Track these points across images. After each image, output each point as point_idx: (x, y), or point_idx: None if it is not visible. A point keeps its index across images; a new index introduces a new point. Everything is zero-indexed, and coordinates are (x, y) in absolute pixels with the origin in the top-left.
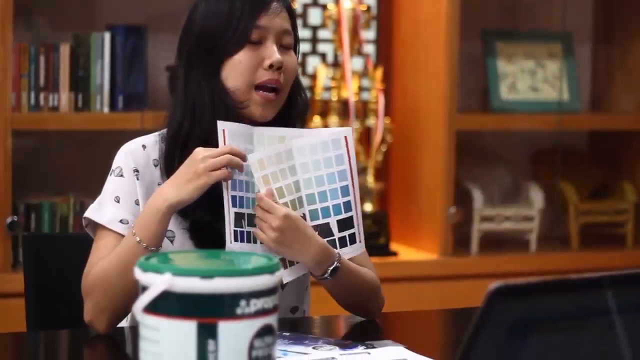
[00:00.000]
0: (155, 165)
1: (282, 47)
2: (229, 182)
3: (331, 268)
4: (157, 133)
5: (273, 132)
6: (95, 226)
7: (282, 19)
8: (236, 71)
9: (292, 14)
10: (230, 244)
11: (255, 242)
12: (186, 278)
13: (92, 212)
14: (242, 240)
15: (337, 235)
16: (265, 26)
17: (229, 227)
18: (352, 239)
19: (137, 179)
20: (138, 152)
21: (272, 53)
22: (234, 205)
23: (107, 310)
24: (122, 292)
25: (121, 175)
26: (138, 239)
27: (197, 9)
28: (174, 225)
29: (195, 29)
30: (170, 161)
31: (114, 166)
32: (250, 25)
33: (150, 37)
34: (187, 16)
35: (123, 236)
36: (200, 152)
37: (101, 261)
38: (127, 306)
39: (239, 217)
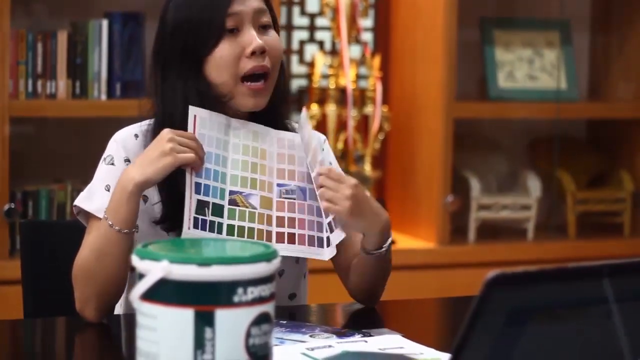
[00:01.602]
0: None
1: (261, 28)
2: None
3: (389, 241)
4: (148, 121)
5: (249, 127)
6: (87, 214)
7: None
8: (219, 66)
9: None
10: (189, 230)
11: (219, 232)
12: (183, 265)
13: (82, 200)
14: (202, 229)
15: None
16: (238, 12)
17: (189, 213)
18: None
19: None
20: (130, 141)
21: (252, 39)
22: (198, 193)
23: (92, 299)
24: (103, 278)
25: (112, 164)
26: (110, 223)
27: (168, 5)
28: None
29: (168, 28)
30: None
31: (105, 154)
32: (223, 16)
33: (148, 25)
34: (160, 14)
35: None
36: (167, 132)
37: (82, 250)
38: (111, 292)
39: (201, 205)
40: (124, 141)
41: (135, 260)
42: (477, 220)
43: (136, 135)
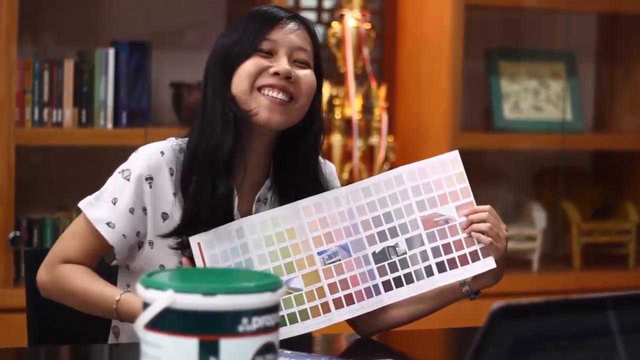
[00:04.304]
0: (171, 174)
1: (297, 62)
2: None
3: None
4: (177, 141)
5: (265, 216)
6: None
7: (298, 37)
8: (241, 76)
9: (313, 36)
10: None
11: None
12: (188, 295)
13: (86, 205)
14: None
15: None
16: (276, 39)
17: None
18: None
19: (150, 187)
20: (155, 158)
21: (281, 63)
22: None
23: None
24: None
25: (127, 179)
26: (118, 314)
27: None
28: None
29: (214, 49)
30: (186, 175)
31: (125, 166)
32: (260, 37)
33: (155, 53)
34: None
35: (103, 238)
36: None
37: (73, 279)
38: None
39: None
40: (148, 158)
41: (140, 290)
42: None
43: (162, 153)
